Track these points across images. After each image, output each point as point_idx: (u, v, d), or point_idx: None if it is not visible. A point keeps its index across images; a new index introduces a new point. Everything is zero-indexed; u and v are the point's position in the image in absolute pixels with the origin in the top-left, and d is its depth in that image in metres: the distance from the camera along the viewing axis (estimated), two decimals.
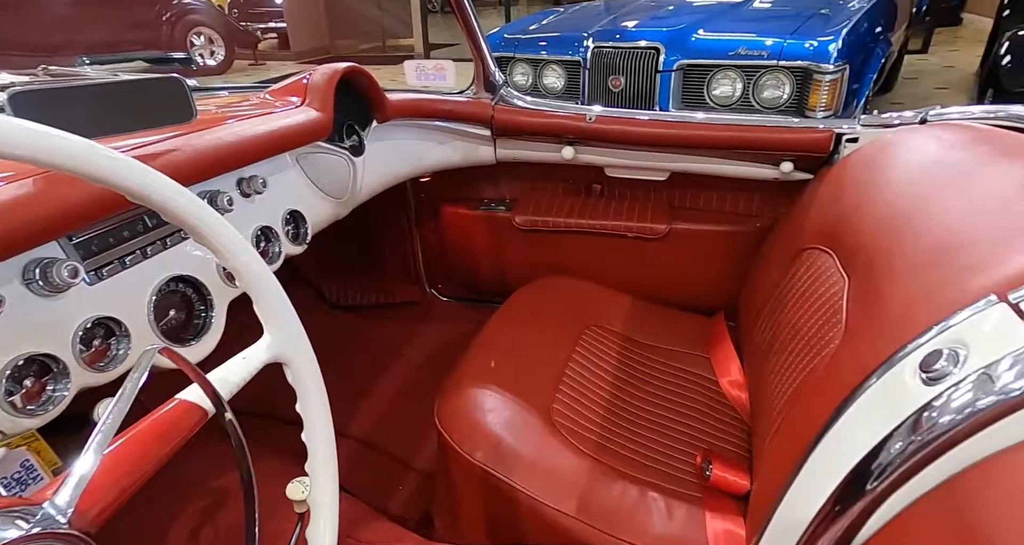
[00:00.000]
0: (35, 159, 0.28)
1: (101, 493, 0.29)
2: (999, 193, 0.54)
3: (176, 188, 0.33)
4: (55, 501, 0.27)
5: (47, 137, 0.28)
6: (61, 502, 0.27)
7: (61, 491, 0.28)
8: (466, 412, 0.81)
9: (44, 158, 0.28)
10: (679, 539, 0.69)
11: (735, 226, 1.10)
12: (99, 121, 0.48)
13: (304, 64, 7.45)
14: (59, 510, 0.27)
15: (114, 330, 0.53)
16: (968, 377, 0.38)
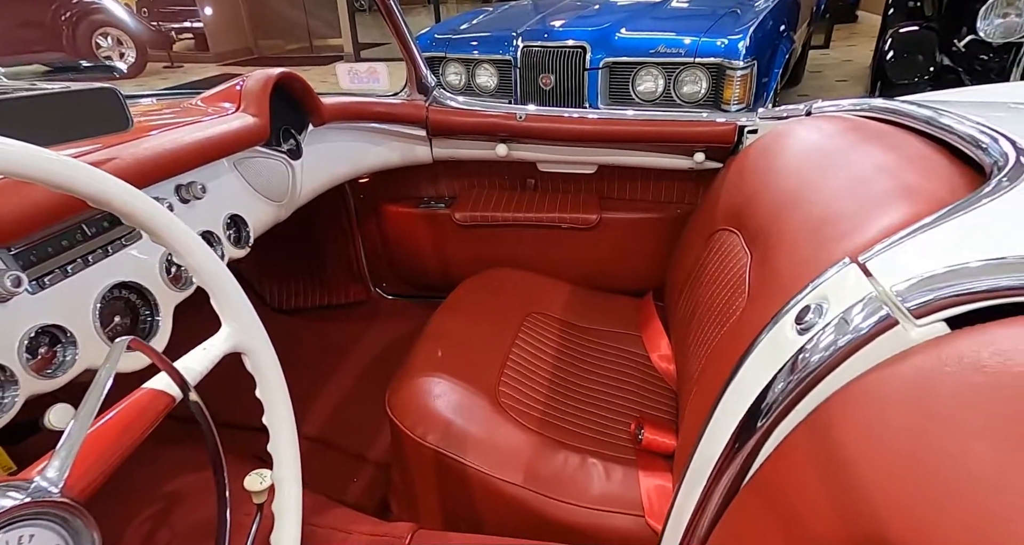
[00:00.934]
0: (10, 173, 0.30)
1: (86, 467, 0.31)
2: (861, 174, 0.64)
3: (135, 192, 0.36)
4: (46, 475, 0.30)
5: (22, 150, 0.30)
6: (51, 475, 0.30)
7: (50, 467, 0.30)
8: (416, 399, 0.85)
9: (16, 170, 0.30)
10: (616, 497, 0.76)
11: (658, 213, 1.19)
12: (35, 132, 0.49)
13: (226, 66, 7.13)
14: (50, 482, 0.29)
15: (59, 337, 0.53)
16: (830, 324, 0.46)
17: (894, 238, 0.49)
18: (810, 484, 0.41)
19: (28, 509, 0.28)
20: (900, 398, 0.38)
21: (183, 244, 0.39)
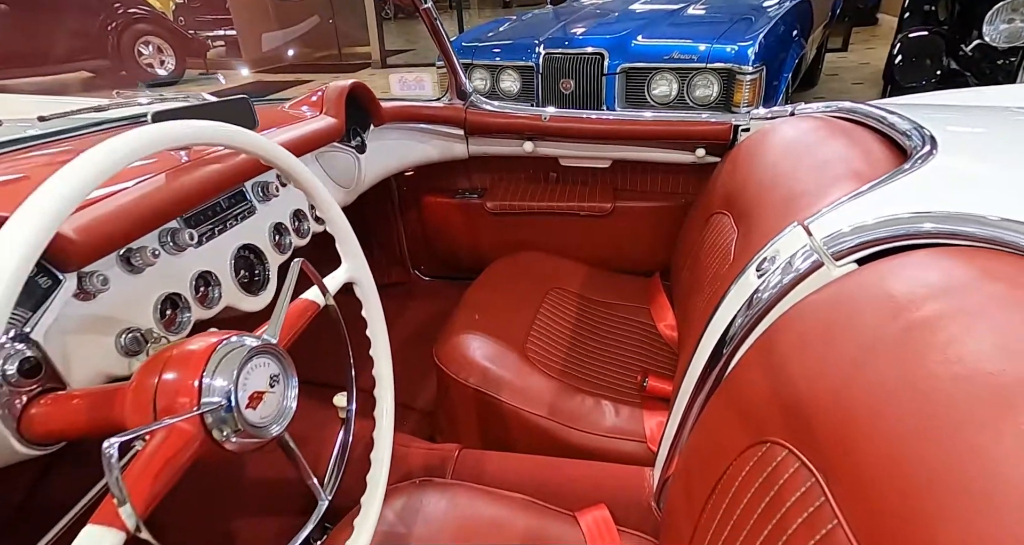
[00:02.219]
0: (228, 145, 0.48)
1: (285, 330, 0.50)
2: (823, 161, 0.80)
3: (299, 163, 0.54)
4: (267, 333, 0.48)
5: (236, 131, 0.49)
6: (270, 333, 0.48)
7: (268, 330, 0.49)
8: (458, 350, 1.03)
9: (233, 144, 0.49)
10: (623, 428, 0.93)
11: (665, 202, 1.35)
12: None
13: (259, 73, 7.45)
14: (270, 336, 0.48)
15: (209, 280, 0.72)
16: (777, 268, 0.63)
17: (831, 206, 0.65)
18: (757, 381, 0.57)
19: (263, 348, 0.46)
20: (818, 314, 0.55)
21: (323, 200, 0.57)
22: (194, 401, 0.42)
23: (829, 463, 0.43)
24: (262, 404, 0.45)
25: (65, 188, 0.35)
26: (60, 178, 0.36)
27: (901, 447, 0.37)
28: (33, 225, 0.34)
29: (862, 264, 0.56)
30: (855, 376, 0.45)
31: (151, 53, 6.99)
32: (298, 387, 0.49)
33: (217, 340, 0.45)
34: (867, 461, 0.39)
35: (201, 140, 0.46)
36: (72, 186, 0.36)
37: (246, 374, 0.44)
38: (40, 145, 0.81)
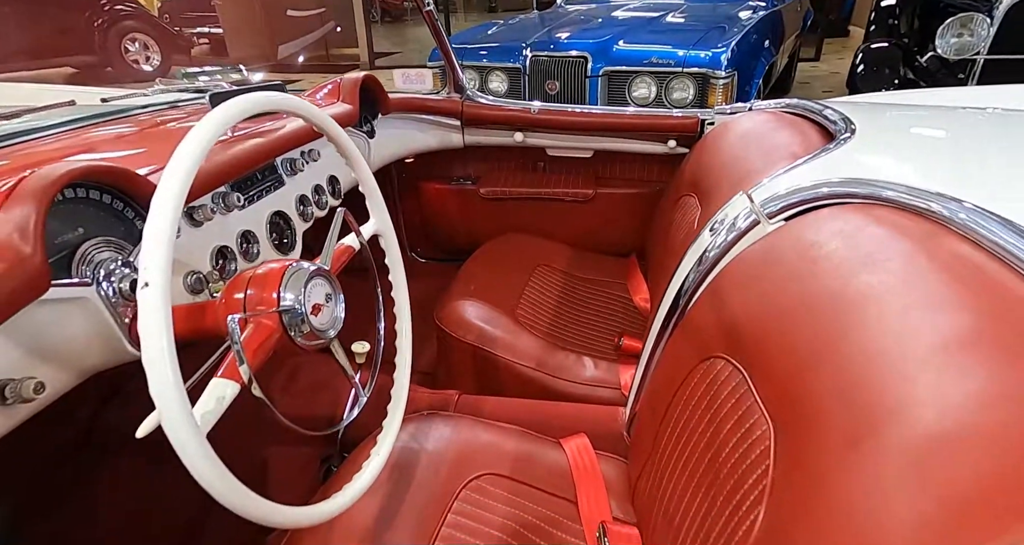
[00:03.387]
0: (299, 113, 0.62)
1: (333, 264, 0.63)
2: (771, 147, 0.96)
3: (344, 133, 0.68)
4: (321, 262, 0.61)
5: (306, 104, 0.62)
6: (322, 261, 0.61)
7: (321, 260, 0.62)
8: (457, 313, 1.16)
9: (301, 112, 0.62)
10: (601, 378, 1.07)
11: (641, 189, 1.51)
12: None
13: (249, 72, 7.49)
14: (322, 264, 0.61)
15: (249, 239, 0.85)
16: (724, 228, 0.78)
17: (769, 178, 0.80)
18: (706, 316, 0.72)
19: (320, 272, 0.59)
20: (754, 260, 0.70)
21: (358, 163, 0.71)
22: (274, 305, 0.55)
23: (751, 362, 0.58)
24: (321, 313, 0.58)
25: (200, 139, 0.48)
26: (195, 133, 0.49)
27: (796, 344, 0.52)
28: (186, 166, 0.47)
29: (789, 220, 0.71)
30: (774, 301, 0.60)
31: (137, 50, 7.00)
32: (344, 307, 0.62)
33: (287, 264, 0.58)
34: (775, 357, 0.54)
35: (283, 108, 0.59)
36: (204, 139, 0.49)
37: (309, 290, 0.57)
38: (113, 120, 0.94)
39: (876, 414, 0.40)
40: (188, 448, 0.43)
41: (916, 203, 0.55)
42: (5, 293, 0.46)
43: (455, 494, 0.77)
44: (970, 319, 0.41)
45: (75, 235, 0.58)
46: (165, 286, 0.43)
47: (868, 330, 0.46)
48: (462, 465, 0.81)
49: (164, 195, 0.45)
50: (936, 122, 0.94)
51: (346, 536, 0.69)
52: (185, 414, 0.42)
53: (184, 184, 0.46)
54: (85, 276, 0.58)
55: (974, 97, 1.24)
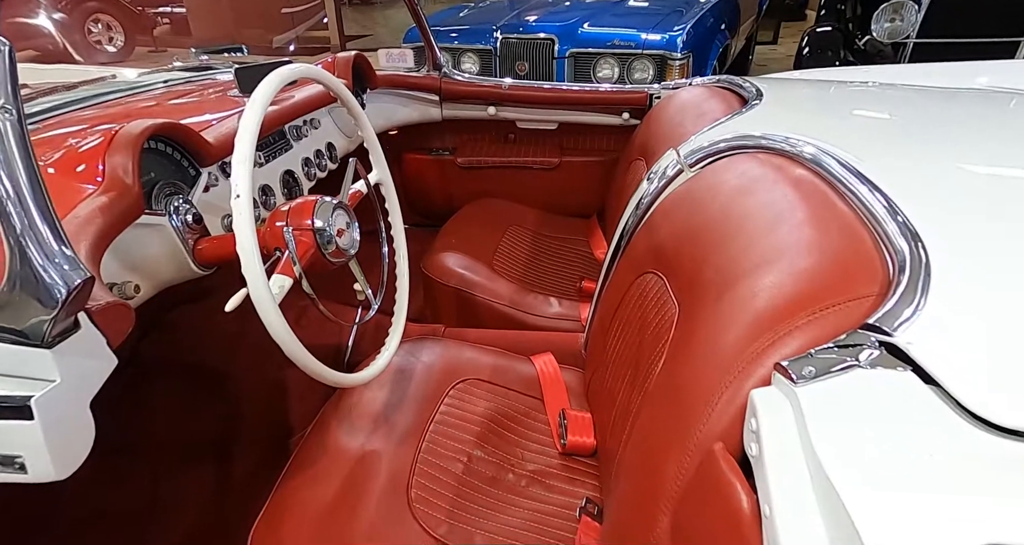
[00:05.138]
0: (322, 81, 0.79)
1: (349, 198, 0.81)
2: (699, 112, 1.16)
3: (352, 97, 0.85)
4: (341, 197, 0.79)
5: (327, 75, 0.79)
6: (341, 195, 0.79)
7: (340, 196, 0.79)
8: (441, 263, 1.35)
9: (324, 80, 0.79)
10: (565, 314, 1.27)
11: (600, 157, 1.70)
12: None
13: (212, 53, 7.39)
14: (342, 199, 0.79)
15: (267, 192, 1.02)
16: (658, 176, 0.97)
17: (694, 135, 1.01)
18: (641, 246, 0.92)
19: (341, 204, 0.77)
20: (678, 199, 0.90)
21: (364, 122, 0.88)
22: (310, 227, 0.72)
23: (669, 269, 0.78)
24: (344, 236, 0.76)
25: (264, 93, 0.66)
26: (260, 90, 0.66)
27: (698, 250, 0.72)
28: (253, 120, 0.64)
29: (704, 168, 0.91)
30: (688, 225, 0.80)
31: (100, 31, 6.86)
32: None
33: (316, 198, 0.75)
34: (685, 261, 0.74)
35: (315, 76, 0.77)
36: (267, 93, 0.66)
37: (334, 218, 0.75)
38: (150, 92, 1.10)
39: (735, 277, 0.60)
40: (269, 314, 0.61)
41: (779, 146, 0.75)
42: (119, 213, 0.62)
43: (444, 393, 0.96)
44: (804, 218, 0.62)
45: (149, 178, 0.75)
46: (249, 195, 0.60)
47: (741, 232, 0.67)
48: (449, 373, 1.01)
49: (244, 134, 0.62)
50: (826, 93, 1.16)
51: (362, 421, 0.88)
52: (265, 287, 0.60)
53: (256, 124, 0.64)
54: (160, 209, 0.74)
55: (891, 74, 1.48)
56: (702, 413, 0.50)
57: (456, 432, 0.89)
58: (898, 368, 0.41)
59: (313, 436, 0.84)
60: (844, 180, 0.62)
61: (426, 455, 0.83)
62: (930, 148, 0.77)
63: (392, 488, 0.76)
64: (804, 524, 0.38)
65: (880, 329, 0.43)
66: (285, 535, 0.69)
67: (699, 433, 0.49)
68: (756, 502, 0.41)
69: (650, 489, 0.53)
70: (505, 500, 0.80)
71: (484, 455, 0.86)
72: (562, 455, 0.90)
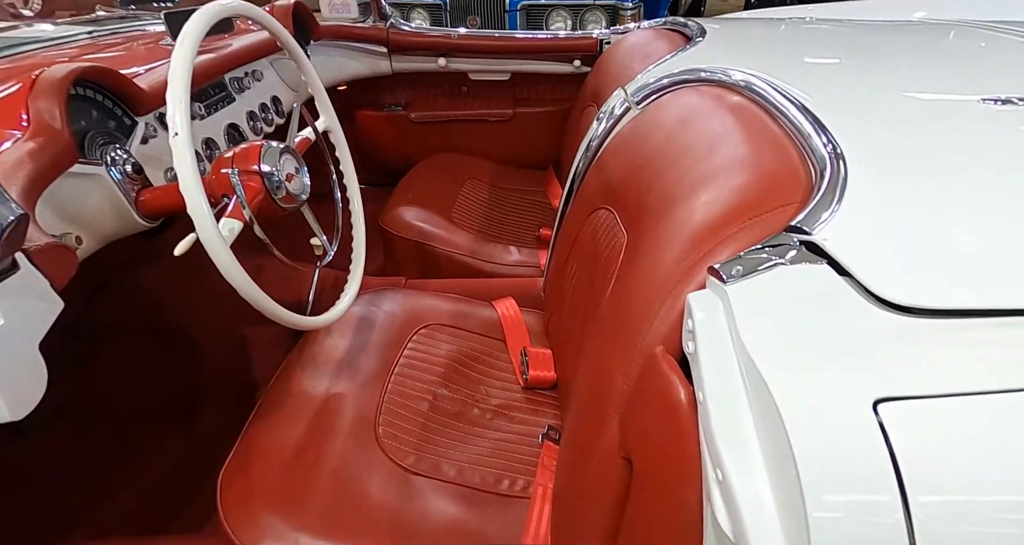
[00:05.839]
0: (257, 20, 0.76)
1: (299, 144, 0.80)
2: (646, 53, 1.17)
3: (292, 39, 0.82)
4: (287, 142, 0.78)
5: (263, 13, 0.76)
6: (287, 141, 0.78)
7: (287, 142, 0.78)
8: (400, 217, 1.34)
9: (260, 19, 0.76)
10: (524, 261, 1.29)
11: (554, 107, 1.70)
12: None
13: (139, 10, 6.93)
14: (288, 143, 0.78)
15: (211, 146, 0.99)
16: (606, 116, 0.99)
17: (640, 74, 1.02)
18: (593, 184, 0.94)
19: (288, 148, 0.76)
20: (627, 135, 0.91)
21: (307, 68, 0.86)
22: (258, 171, 0.71)
23: (619, 203, 0.80)
24: (293, 181, 0.76)
25: (195, 26, 0.63)
26: (189, 26, 0.64)
27: (644, 180, 0.74)
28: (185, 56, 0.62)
29: (650, 104, 0.93)
30: (635, 159, 0.82)
31: None
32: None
33: (262, 143, 0.74)
34: (632, 193, 0.76)
35: (248, 14, 0.74)
36: (198, 27, 0.64)
37: (282, 162, 0.74)
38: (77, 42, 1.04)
39: (676, 199, 0.63)
40: (220, 255, 0.60)
41: (716, 77, 0.78)
42: (49, 159, 0.60)
43: (408, 338, 0.98)
44: (739, 140, 0.64)
45: (80, 127, 0.72)
46: (188, 133, 0.59)
47: (682, 158, 0.69)
48: (411, 319, 1.02)
49: (176, 70, 0.60)
50: (765, 30, 1.18)
51: (326, 367, 0.89)
52: (214, 228, 0.60)
53: (188, 60, 0.62)
54: (95, 159, 0.72)
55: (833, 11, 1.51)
56: (645, 324, 0.53)
57: (421, 374, 0.91)
58: (816, 263, 0.45)
59: (277, 384, 0.85)
60: (776, 103, 0.65)
61: (392, 396, 0.85)
62: (864, 75, 0.80)
63: (359, 426, 0.78)
64: (732, 404, 0.41)
65: (801, 230, 0.47)
66: (254, 477, 0.70)
67: (643, 342, 0.53)
68: (692, 393, 0.45)
69: (599, 400, 0.57)
70: (471, 432, 0.84)
71: (449, 393, 0.89)
72: (525, 390, 0.93)
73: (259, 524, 0.64)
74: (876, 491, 0.35)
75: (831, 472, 0.36)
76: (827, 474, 0.36)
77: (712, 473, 0.41)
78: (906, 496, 0.35)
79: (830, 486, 0.36)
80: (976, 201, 0.48)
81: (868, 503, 0.36)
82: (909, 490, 0.35)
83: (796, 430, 0.36)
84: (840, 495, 0.36)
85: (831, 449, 0.36)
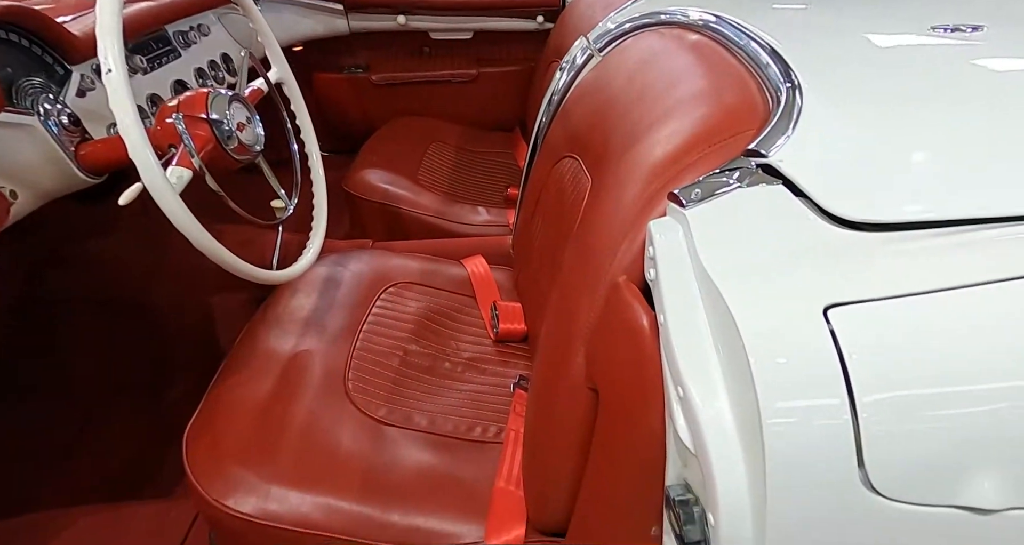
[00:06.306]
0: None
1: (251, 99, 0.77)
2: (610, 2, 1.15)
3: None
4: (237, 92, 0.74)
5: None
6: (234, 85, 0.75)
7: (238, 88, 0.75)
8: (364, 180, 1.31)
9: None
10: (493, 221, 1.28)
11: (518, 66, 1.67)
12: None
13: None
14: (239, 91, 0.75)
15: (156, 102, 0.94)
16: (568, 65, 0.97)
17: (600, 22, 1.00)
18: (558, 133, 0.93)
19: (238, 96, 0.73)
20: (589, 84, 0.90)
21: (256, 16, 0.82)
22: (206, 118, 0.68)
23: (583, 150, 0.79)
24: (246, 131, 0.73)
25: None
26: None
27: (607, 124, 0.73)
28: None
29: (612, 50, 0.92)
30: (598, 105, 0.81)
31: None
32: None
33: (208, 90, 0.71)
34: (596, 139, 0.75)
35: None
36: None
37: (231, 110, 0.71)
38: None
39: (637, 137, 0.62)
40: (169, 203, 0.58)
41: (677, 19, 0.77)
42: None
43: (376, 297, 0.97)
44: (699, 75, 0.64)
45: (6, 73, 0.67)
46: (122, 69, 0.56)
47: (644, 98, 0.69)
48: (379, 278, 1.01)
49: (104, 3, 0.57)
50: None
51: (293, 326, 0.88)
52: (159, 171, 0.57)
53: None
54: (26, 108, 0.68)
55: None
56: (608, 258, 0.54)
57: (390, 331, 0.91)
58: (772, 184, 0.45)
59: (242, 343, 0.84)
60: (734, 39, 0.65)
61: (361, 352, 0.85)
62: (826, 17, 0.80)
63: (328, 381, 0.78)
64: (692, 323, 0.42)
65: (758, 153, 0.47)
66: (221, 432, 0.69)
67: (607, 275, 0.53)
68: (654, 318, 0.46)
69: (566, 334, 0.57)
70: (442, 385, 0.84)
71: (420, 348, 0.89)
72: (496, 343, 0.94)
73: (228, 477, 0.64)
74: (826, 395, 0.36)
75: (784, 379, 0.37)
76: (781, 381, 0.37)
77: (673, 391, 0.42)
78: (854, 398, 0.36)
79: (783, 393, 0.37)
80: (924, 124, 0.49)
81: (819, 407, 0.37)
82: (856, 391, 0.36)
83: (751, 340, 0.37)
84: (793, 401, 0.37)
85: (785, 356, 0.37)
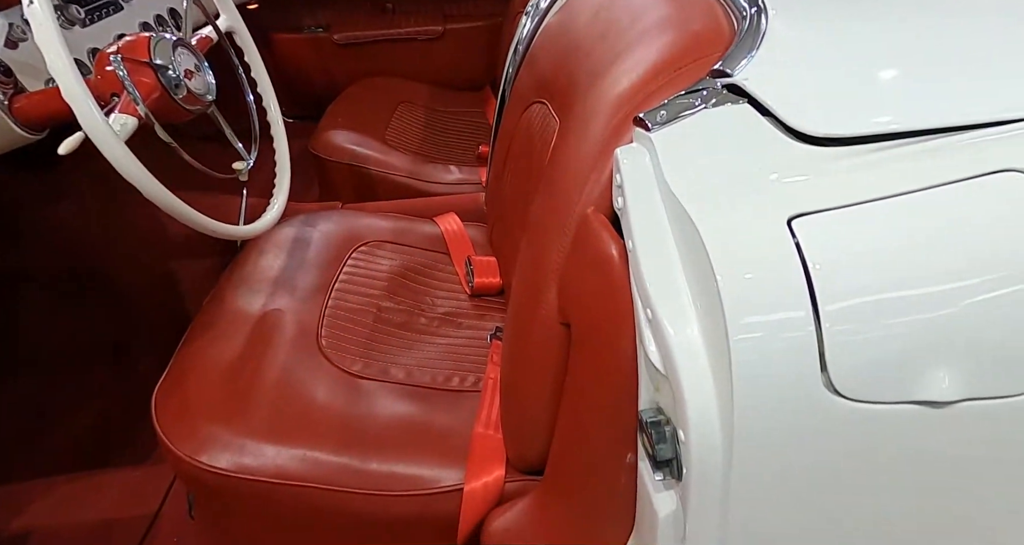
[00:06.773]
0: None
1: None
2: None
3: None
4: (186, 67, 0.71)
5: None
6: (186, 39, 0.71)
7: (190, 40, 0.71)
8: (331, 142, 1.28)
9: None
10: (465, 180, 1.26)
11: (486, 22, 1.62)
12: None
13: None
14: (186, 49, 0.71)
15: None
16: (534, 9, 0.94)
17: None
18: (525, 81, 0.90)
19: (183, 42, 0.69)
20: (555, 27, 0.87)
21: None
22: (149, 63, 0.64)
23: (550, 93, 0.77)
24: (194, 79, 0.69)
25: None
26: None
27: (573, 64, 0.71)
28: None
29: None
30: (564, 47, 0.79)
31: None
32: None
33: (150, 34, 0.67)
34: (562, 81, 0.73)
35: None
36: None
37: (177, 56, 0.67)
38: None
39: (602, 70, 0.61)
40: (113, 150, 0.55)
41: None
42: None
43: (347, 255, 0.95)
44: (663, 4, 0.62)
45: None
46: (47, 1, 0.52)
47: (608, 32, 0.67)
48: (350, 237, 0.99)
49: None
50: None
51: (262, 286, 0.86)
52: (99, 116, 0.54)
53: None
54: None
55: None
56: (576, 191, 0.53)
57: (363, 288, 0.89)
58: (736, 103, 0.44)
59: (211, 304, 0.82)
60: None
61: (333, 309, 0.83)
62: None
63: (301, 339, 0.76)
64: (660, 246, 0.42)
65: (723, 72, 0.46)
66: (190, 391, 0.68)
67: (576, 208, 0.52)
68: (623, 246, 0.45)
69: (537, 271, 0.57)
70: (418, 340, 0.83)
71: (394, 305, 0.88)
72: (471, 297, 0.93)
73: (200, 434, 0.63)
74: (791, 308, 0.37)
75: (751, 295, 0.37)
76: (747, 297, 0.37)
77: (643, 314, 0.42)
78: (817, 308, 0.36)
79: (750, 309, 0.37)
80: (885, 41, 0.49)
81: (783, 320, 0.37)
82: (820, 300, 0.36)
83: (718, 257, 0.37)
84: (758, 316, 0.37)
85: (751, 272, 0.37)
